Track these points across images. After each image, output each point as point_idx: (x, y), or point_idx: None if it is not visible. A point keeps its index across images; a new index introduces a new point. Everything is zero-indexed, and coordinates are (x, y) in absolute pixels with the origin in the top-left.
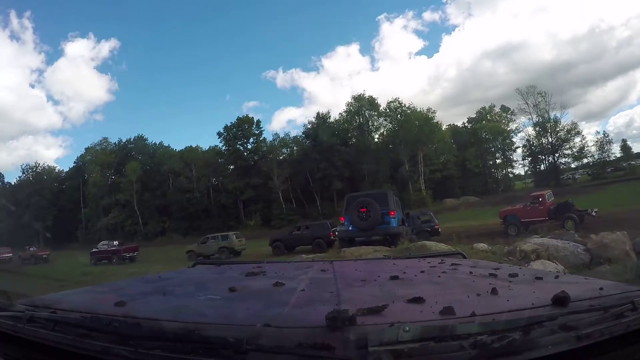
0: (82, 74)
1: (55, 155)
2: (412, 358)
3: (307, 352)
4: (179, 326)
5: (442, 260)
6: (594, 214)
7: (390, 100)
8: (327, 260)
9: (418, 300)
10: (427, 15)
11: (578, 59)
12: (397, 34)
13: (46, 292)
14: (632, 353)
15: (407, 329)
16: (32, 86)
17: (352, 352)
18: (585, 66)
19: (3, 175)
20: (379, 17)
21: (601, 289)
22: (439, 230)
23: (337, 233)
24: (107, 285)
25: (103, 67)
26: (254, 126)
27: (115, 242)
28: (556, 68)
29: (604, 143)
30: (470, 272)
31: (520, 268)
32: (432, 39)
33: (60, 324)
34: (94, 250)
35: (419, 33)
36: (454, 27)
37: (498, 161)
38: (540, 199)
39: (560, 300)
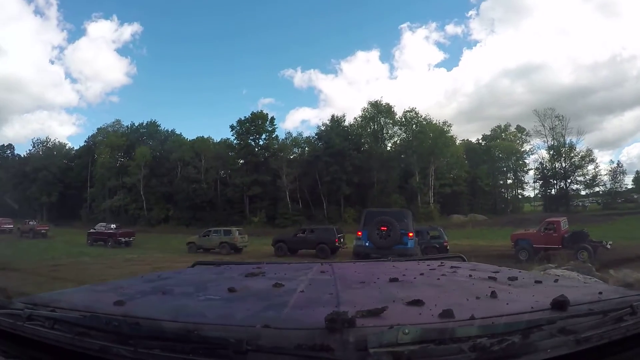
0: (102, 55)
1: (68, 132)
2: None
3: (306, 353)
4: (178, 326)
5: (441, 263)
6: (608, 246)
7: (407, 109)
8: (326, 261)
9: (417, 302)
10: (450, 28)
11: (597, 85)
12: (418, 44)
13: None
14: (631, 357)
15: (406, 331)
16: (52, 62)
17: (351, 354)
18: (604, 93)
19: (13, 147)
20: (402, 25)
21: (600, 293)
22: (448, 247)
23: (353, 247)
24: (107, 284)
25: (123, 50)
26: (268, 123)
27: (113, 226)
28: (574, 92)
29: (617, 173)
30: (470, 275)
31: (519, 272)
32: (452, 52)
33: (59, 322)
34: (91, 230)
35: (440, 45)
36: (475, 42)
37: (509, 181)
38: (555, 226)
39: (560, 304)
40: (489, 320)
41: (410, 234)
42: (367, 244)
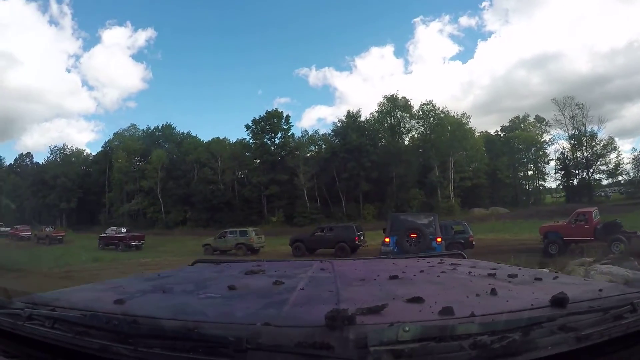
0: (118, 62)
1: (87, 139)
2: (411, 358)
3: (306, 351)
4: (178, 324)
5: (441, 260)
6: None
7: (424, 102)
8: (326, 259)
9: (417, 300)
10: (464, 20)
11: (614, 72)
12: (432, 38)
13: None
14: (632, 354)
15: (406, 328)
16: (69, 71)
17: (351, 351)
18: (622, 81)
19: (32, 155)
20: (415, 19)
21: (600, 290)
22: (473, 242)
23: (380, 252)
24: (107, 283)
25: (139, 56)
26: (283, 121)
27: (123, 229)
28: (591, 81)
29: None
30: (470, 272)
31: (519, 269)
32: (467, 44)
33: (59, 321)
34: (102, 235)
35: (454, 38)
36: (490, 33)
37: (529, 173)
38: (587, 217)
39: (560, 301)
40: (489, 317)
41: (439, 239)
42: (395, 249)
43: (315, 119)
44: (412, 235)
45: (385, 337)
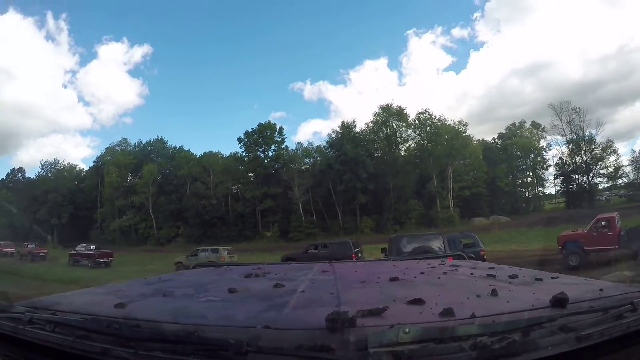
0: (114, 77)
1: (82, 154)
2: (412, 359)
3: (307, 353)
4: (179, 328)
5: (442, 261)
6: None
7: (420, 111)
8: (326, 262)
9: (418, 301)
10: (456, 31)
11: (607, 78)
12: (425, 49)
13: None
14: (632, 354)
15: (407, 330)
16: (65, 86)
17: (352, 353)
18: (614, 85)
19: (24, 170)
20: (408, 32)
21: (601, 290)
22: (485, 256)
23: None
24: (107, 286)
25: (135, 72)
26: (276, 133)
27: (92, 246)
28: (584, 87)
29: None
30: (470, 274)
31: (519, 269)
32: (460, 55)
33: (60, 325)
34: (72, 252)
35: (447, 49)
36: (482, 43)
37: (528, 179)
38: (610, 223)
39: (560, 301)
40: (489, 318)
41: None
42: None
43: (310, 133)
44: None
45: (386, 339)
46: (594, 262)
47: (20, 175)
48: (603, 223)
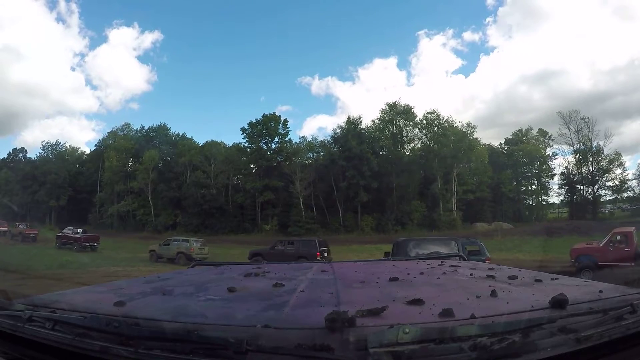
0: (123, 62)
1: (87, 138)
2: None
3: (306, 353)
4: (178, 326)
5: (441, 262)
6: None
7: (428, 111)
8: (327, 261)
9: (418, 302)
10: (467, 35)
11: (615, 90)
12: (435, 51)
13: None
14: (632, 356)
15: (406, 330)
16: (73, 69)
17: (351, 353)
18: (622, 98)
19: (26, 150)
20: (419, 32)
21: (600, 291)
22: None
23: None
24: (107, 285)
25: (144, 58)
26: (281, 125)
27: (79, 230)
28: (592, 98)
29: None
30: (470, 274)
31: (519, 270)
32: (470, 58)
33: (59, 323)
34: (59, 234)
35: (457, 52)
36: (493, 48)
37: (533, 187)
38: (628, 238)
39: (560, 302)
40: (489, 319)
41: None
42: None
43: (316, 128)
44: None
45: (385, 338)
46: (610, 280)
47: (21, 155)
48: (619, 237)
